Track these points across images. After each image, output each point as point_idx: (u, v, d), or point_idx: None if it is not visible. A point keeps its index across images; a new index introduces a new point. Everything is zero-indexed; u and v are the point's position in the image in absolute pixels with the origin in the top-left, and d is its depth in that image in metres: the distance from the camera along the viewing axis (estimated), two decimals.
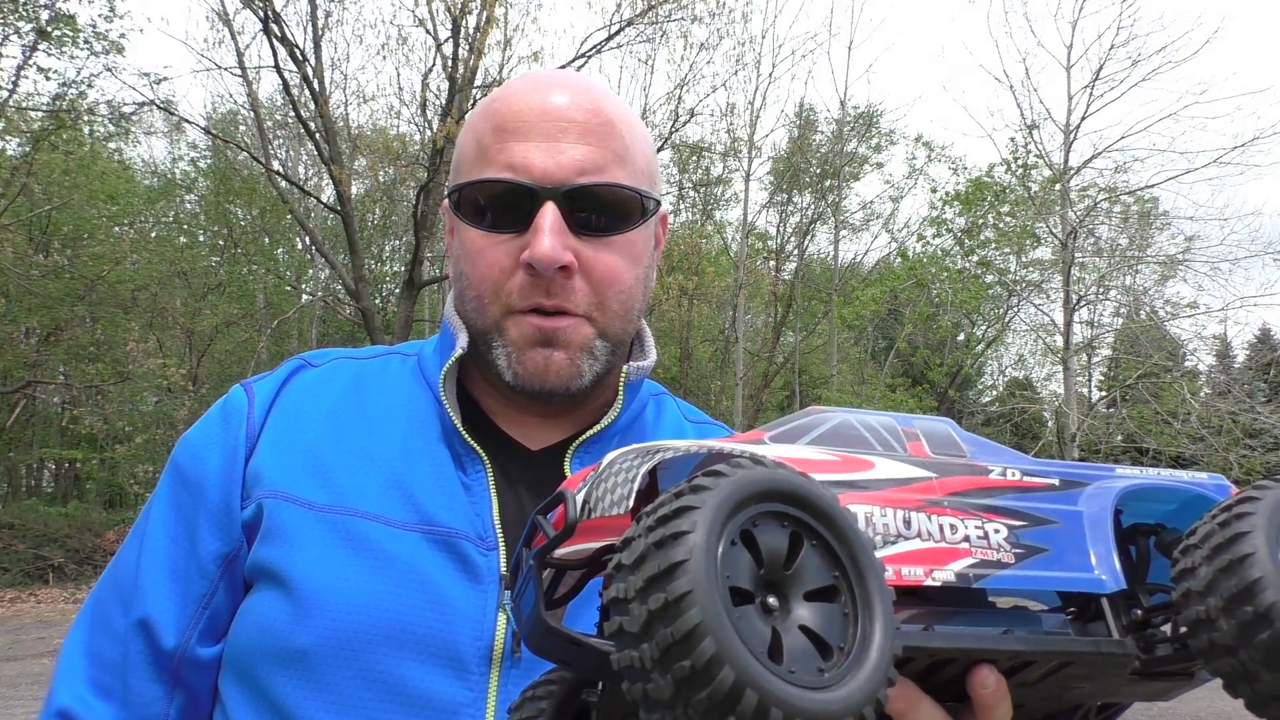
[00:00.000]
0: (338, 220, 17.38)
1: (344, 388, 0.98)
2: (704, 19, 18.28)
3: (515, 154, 0.86)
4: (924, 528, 0.60)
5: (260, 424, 0.95)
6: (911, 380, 26.61)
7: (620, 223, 0.89)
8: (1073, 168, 22.13)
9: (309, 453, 0.92)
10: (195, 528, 0.92)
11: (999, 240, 23.66)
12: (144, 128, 20.86)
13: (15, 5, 13.57)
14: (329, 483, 0.90)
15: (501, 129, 0.88)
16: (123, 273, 17.27)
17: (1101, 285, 23.10)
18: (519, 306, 0.87)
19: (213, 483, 0.93)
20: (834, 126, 23.79)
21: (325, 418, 0.94)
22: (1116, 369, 23.77)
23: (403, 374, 1.00)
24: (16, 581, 14.55)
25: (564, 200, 0.85)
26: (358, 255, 15.61)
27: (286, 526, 0.88)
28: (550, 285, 0.86)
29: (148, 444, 18.17)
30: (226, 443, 0.94)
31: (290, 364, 1.02)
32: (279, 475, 0.91)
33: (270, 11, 13.38)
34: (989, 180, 22.98)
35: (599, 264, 0.88)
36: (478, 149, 0.90)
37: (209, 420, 0.98)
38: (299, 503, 0.89)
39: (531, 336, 0.87)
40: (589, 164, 0.86)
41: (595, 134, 0.87)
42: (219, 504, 0.92)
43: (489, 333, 0.90)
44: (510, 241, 0.87)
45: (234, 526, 0.91)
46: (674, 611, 0.42)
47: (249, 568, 0.90)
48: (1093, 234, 23.01)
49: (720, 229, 25.20)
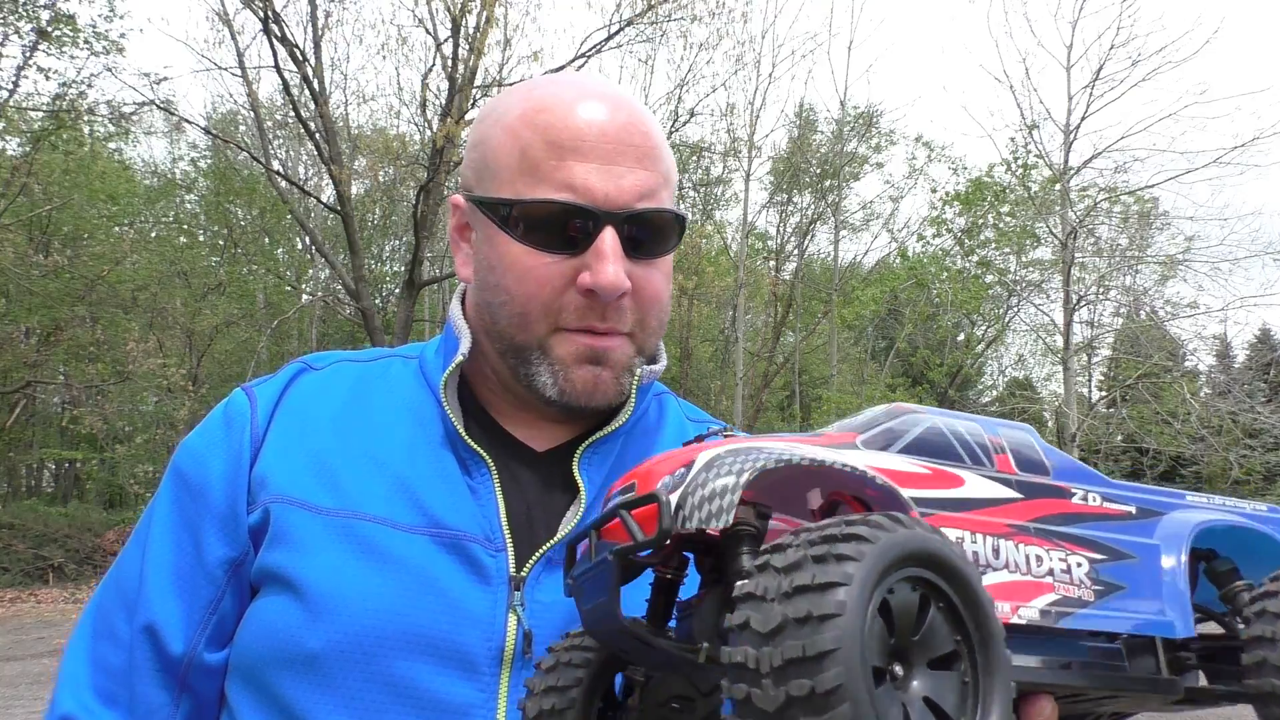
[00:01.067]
0: (338, 220, 17.38)
1: (347, 391, 0.98)
2: (704, 19, 18.30)
3: (576, 175, 0.86)
4: (1012, 558, 0.60)
5: (264, 428, 0.94)
6: (911, 380, 26.60)
7: (665, 245, 0.91)
8: (1073, 168, 22.12)
9: (315, 457, 0.92)
10: (200, 533, 0.92)
11: (999, 240, 23.66)
12: (144, 128, 20.86)
13: (15, 5, 13.57)
14: (336, 487, 0.90)
15: (557, 145, 0.87)
16: (123, 273, 17.27)
17: (1101, 285, 23.10)
18: (571, 325, 0.88)
19: (217, 487, 0.93)
20: (834, 126, 23.80)
21: (329, 421, 0.94)
22: (1116, 369, 23.76)
23: (405, 377, 1.00)
24: (16, 581, 14.54)
25: (623, 224, 0.86)
26: (358, 255, 15.61)
27: (295, 531, 0.88)
28: (605, 309, 0.87)
29: (148, 444, 18.17)
30: (230, 447, 0.94)
31: (292, 367, 1.01)
32: (285, 479, 0.91)
33: (270, 11, 13.38)
34: (989, 180, 22.97)
35: (647, 285, 0.90)
36: (525, 161, 0.88)
37: (211, 425, 0.97)
38: (307, 507, 0.89)
39: (582, 355, 0.89)
40: (645, 189, 0.88)
41: (649, 158, 0.89)
42: (224, 509, 0.92)
43: (529, 348, 0.90)
44: (564, 262, 0.87)
45: (240, 531, 0.91)
46: (814, 668, 0.41)
47: (256, 572, 0.90)
48: (1093, 234, 23.00)
49: (720, 229, 25.20)
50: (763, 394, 23.61)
